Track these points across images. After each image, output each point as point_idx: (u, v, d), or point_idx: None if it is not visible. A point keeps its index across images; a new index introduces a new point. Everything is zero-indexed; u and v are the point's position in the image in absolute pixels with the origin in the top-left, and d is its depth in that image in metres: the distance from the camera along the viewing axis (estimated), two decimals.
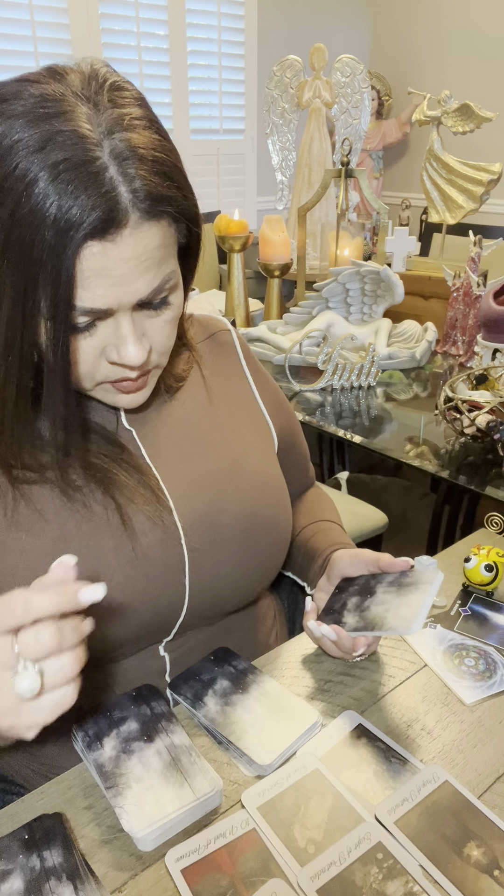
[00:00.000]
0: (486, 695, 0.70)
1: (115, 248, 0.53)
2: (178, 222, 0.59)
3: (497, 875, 0.52)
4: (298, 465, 0.92)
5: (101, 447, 0.67)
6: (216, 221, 1.96)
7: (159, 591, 0.67)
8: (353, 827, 0.55)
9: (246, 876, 0.52)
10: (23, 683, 0.45)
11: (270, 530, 0.74)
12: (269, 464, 0.78)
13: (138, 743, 0.62)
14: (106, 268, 0.54)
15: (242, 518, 0.71)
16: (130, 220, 0.53)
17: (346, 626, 0.68)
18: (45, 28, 2.80)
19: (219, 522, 0.70)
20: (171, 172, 0.56)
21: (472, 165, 2.14)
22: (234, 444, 0.76)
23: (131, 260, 0.55)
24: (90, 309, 0.55)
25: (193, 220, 0.61)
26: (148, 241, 0.55)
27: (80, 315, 0.56)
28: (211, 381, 0.79)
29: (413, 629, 0.61)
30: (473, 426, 1.25)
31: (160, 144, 0.55)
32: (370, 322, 1.79)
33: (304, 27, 3.74)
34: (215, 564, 0.70)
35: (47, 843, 0.54)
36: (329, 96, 2.49)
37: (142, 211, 0.54)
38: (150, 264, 0.56)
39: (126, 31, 3.06)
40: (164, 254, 0.58)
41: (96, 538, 0.64)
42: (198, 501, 0.70)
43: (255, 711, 0.66)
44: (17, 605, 0.45)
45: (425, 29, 3.94)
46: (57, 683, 0.47)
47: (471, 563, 0.84)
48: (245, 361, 0.84)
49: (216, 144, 3.58)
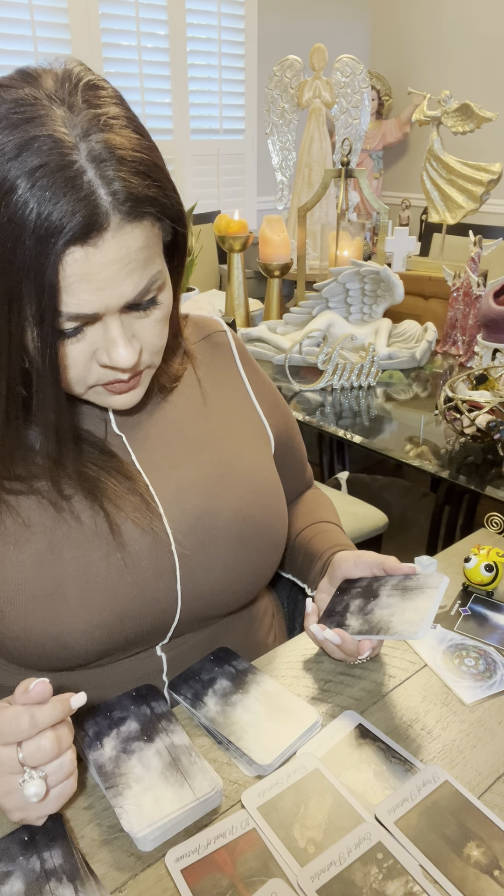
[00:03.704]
0: (486, 695, 0.70)
1: (98, 253, 0.53)
2: (162, 221, 0.59)
3: (497, 875, 0.52)
4: (296, 466, 0.92)
5: (91, 455, 0.67)
6: (216, 221, 1.96)
7: (151, 598, 0.66)
8: (353, 827, 0.55)
9: (246, 876, 0.52)
10: (30, 790, 0.51)
11: (264, 533, 0.73)
12: (264, 465, 0.78)
13: (138, 743, 0.62)
14: (90, 273, 0.53)
15: (235, 521, 0.71)
16: (112, 224, 0.53)
17: (349, 628, 0.68)
18: (45, 28, 2.80)
19: (211, 526, 0.70)
20: (150, 171, 0.55)
21: (472, 165, 2.14)
22: (228, 446, 0.75)
23: (115, 263, 0.54)
24: (76, 314, 0.55)
25: (177, 218, 0.61)
26: (131, 242, 0.55)
27: (66, 321, 0.55)
28: (206, 383, 0.79)
29: (420, 634, 0.60)
30: (473, 426, 1.25)
31: (139, 143, 0.55)
32: (370, 322, 1.79)
33: (304, 27, 3.74)
34: (207, 569, 0.69)
35: (47, 844, 0.54)
36: (329, 96, 2.49)
37: (123, 213, 0.53)
38: (135, 266, 0.56)
39: (126, 31, 3.05)
40: (149, 254, 0.57)
41: (85, 548, 0.64)
42: (189, 506, 0.69)
43: (255, 711, 0.66)
44: (24, 720, 0.51)
45: (425, 29, 3.94)
46: (59, 780, 0.53)
47: (471, 563, 0.84)
48: (241, 363, 0.83)
49: (216, 144, 3.58)
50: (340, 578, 0.75)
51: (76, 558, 0.63)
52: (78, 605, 0.63)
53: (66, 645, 0.63)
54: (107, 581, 0.64)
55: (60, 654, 0.63)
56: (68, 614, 0.62)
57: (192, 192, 3.48)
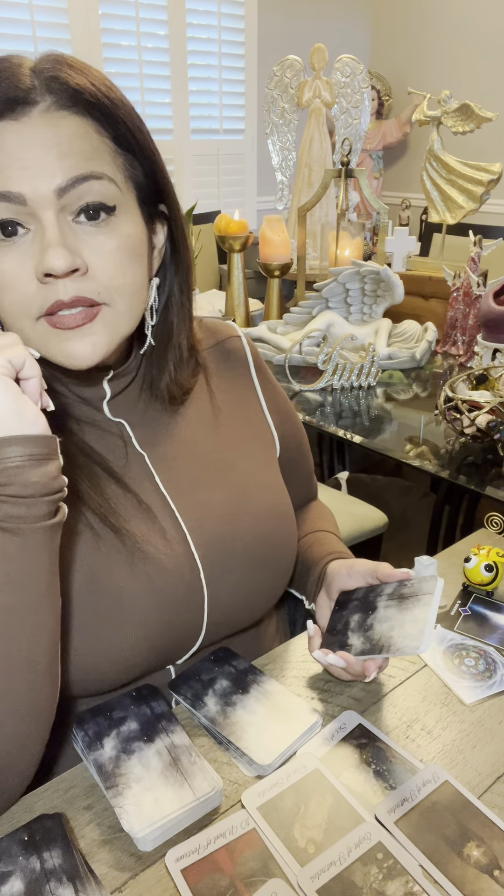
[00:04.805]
0: (486, 695, 0.70)
1: (23, 128, 0.52)
2: (108, 131, 0.56)
3: (497, 875, 0.52)
4: (302, 478, 0.90)
5: (111, 486, 0.66)
6: (216, 221, 1.96)
7: (179, 625, 0.66)
8: (353, 827, 0.55)
9: (246, 876, 0.52)
10: None
11: (279, 550, 0.73)
12: (275, 482, 0.77)
13: (138, 743, 0.62)
14: (17, 148, 0.52)
15: (254, 544, 0.71)
16: (41, 104, 0.53)
17: (352, 649, 0.66)
18: (45, 28, 2.80)
19: (232, 550, 0.69)
20: (97, 81, 0.56)
21: (472, 165, 2.14)
22: (241, 464, 0.74)
23: (42, 144, 0.53)
24: (1, 192, 0.52)
25: (143, 153, 0.59)
26: (64, 128, 0.53)
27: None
28: (217, 394, 0.77)
29: (422, 648, 0.59)
30: (473, 426, 1.25)
31: (98, 72, 0.57)
32: (370, 322, 1.79)
33: (304, 27, 3.74)
34: (230, 593, 0.69)
35: (47, 844, 0.54)
36: (329, 96, 2.49)
37: (57, 95, 0.53)
38: (68, 152, 0.53)
39: (126, 31, 3.06)
40: (89, 149, 0.54)
41: (124, 579, 0.63)
42: (211, 531, 0.69)
43: (255, 711, 0.66)
44: None
45: (425, 29, 3.94)
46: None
47: (471, 563, 0.84)
48: (255, 371, 0.81)
49: (216, 144, 3.58)
50: (337, 591, 0.74)
51: (118, 589, 0.62)
52: (114, 634, 0.62)
53: (101, 678, 0.63)
54: (141, 612, 0.63)
55: (91, 686, 0.63)
56: (105, 645, 0.62)
57: (192, 192, 3.48)
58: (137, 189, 0.60)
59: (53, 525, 0.54)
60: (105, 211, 0.56)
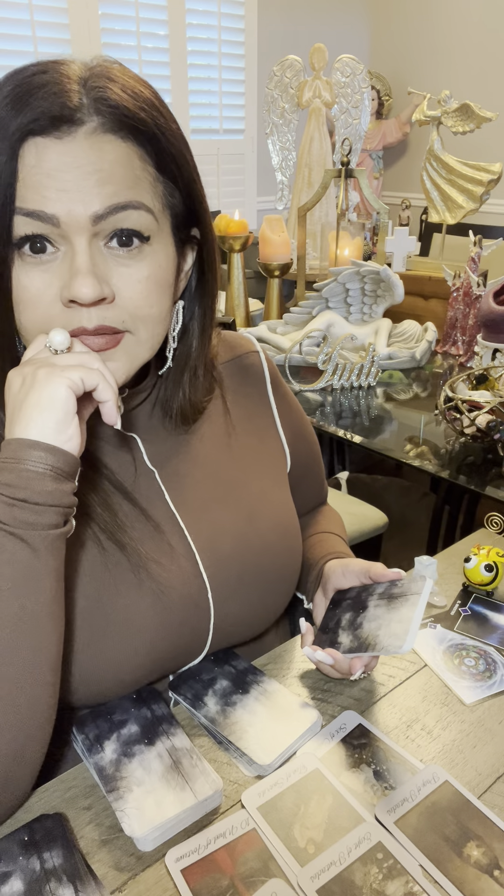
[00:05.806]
0: (486, 695, 0.70)
1: (64, 148, 0.50)
2: (151, 157, 0.55)
3: (497, 875, 0.52)
4: (313, 486, 0.90)
5: (120, 501, 0.65)
6: (216, 221, 1.96)
7: (185, 643, 0.67)
8: (353, 827, 0.55)
9: (246, 876, 0.52)
10: (56, 338, 0.53)
11: (286, 567, 0.73)
12: (284, 500, 0.77)
13: (139, 746, 0.62)
14: (56, 168, 0.50)
15: (262, 563, 0.71)
16: (87, 125, 0.51)
17: (340, 646, 0.67)
18: (45, 28, 2.80)
19: (241, 571, 0.69)
20: (144, 100, 0.54)
21: (472, 165, 2.14)
22: (253, 483, 0.74)
23: (84, 167, 0.50)
24: (33, 210, 0.50)
25: (184, 179, 0.58)
26: (108, 153, 0.51)
27: (23, 222, 0.51)
28: (232, 411, 0.76)
29: (405, 648, 0.60)
30: (473, 426, 1.25)
31: (139, 80, 0.55)
32: (370, 322, 1.79)
33: (304, 27, 3.74)
34: (237, 612, 0.70)
35: (47, 844, 0.54)
36: (329, 96, 2.49)
37: (105, 117, 0.51)
38: (111, 178, 0.52)
39: (126, 31, 3.05)
40: (131, 177, 0.53)
41: (131, 597, 0.63)
42: (221, 551, 0.69)
43: (255, 711, 0.66)
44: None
45: (425, 29, 3.94)
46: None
47: (471, 563, 0.84)
48: (271, 387, 0.80)
49: (216, 144, 3.58)
50: (332, 590, 0.75)
51: (125, 607, 0.62)
52: (119, 652, 0.62)
53: (103, 692, 0.63)
54: (148, 630, 0.63)
55: (92, 698, 0.64)
56: (110, 661, 0.62)
57: None
58: (174, 217, 0.59)
59: (60, 535, 0.54)
60: (139, 239, 0.55)
